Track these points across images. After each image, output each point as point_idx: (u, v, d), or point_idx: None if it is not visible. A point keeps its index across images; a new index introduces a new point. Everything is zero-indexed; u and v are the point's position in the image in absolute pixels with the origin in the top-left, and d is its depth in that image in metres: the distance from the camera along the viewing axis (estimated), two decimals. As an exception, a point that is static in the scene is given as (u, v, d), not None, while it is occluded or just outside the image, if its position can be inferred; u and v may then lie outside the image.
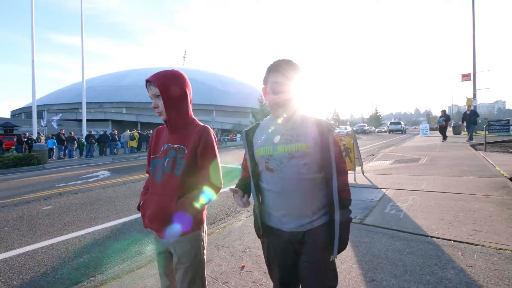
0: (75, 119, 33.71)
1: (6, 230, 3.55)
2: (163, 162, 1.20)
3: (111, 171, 9.13)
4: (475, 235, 2.43)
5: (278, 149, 1.06)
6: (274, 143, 1.08)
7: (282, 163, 1.05)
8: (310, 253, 1.05)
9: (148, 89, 1.20)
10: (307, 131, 1.06)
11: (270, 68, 1.09)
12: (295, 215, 1.06)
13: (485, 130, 9.38)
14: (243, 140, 1.20)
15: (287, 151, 1.05)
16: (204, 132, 1.19)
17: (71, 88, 47.25)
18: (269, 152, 1.08)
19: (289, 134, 1.07)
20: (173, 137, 1.22)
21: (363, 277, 1.90)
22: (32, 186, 6.88)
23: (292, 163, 1.04)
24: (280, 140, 1.07)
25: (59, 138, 15.57)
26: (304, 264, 1.06)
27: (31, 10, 16.87)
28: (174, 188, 1.16)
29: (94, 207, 4.52)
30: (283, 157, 1.05)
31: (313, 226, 1.06)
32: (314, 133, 1.06)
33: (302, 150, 1.04)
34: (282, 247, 1.10)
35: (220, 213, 3.93)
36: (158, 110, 1.19)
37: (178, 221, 1.15)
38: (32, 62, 16.71)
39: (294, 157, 1.04)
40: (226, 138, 30.65)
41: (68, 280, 2.26)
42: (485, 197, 3.51)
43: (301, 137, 1.05)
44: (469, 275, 1.83)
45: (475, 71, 19.07)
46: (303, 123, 1.09)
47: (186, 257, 1.17)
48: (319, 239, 1.05)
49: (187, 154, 1.17)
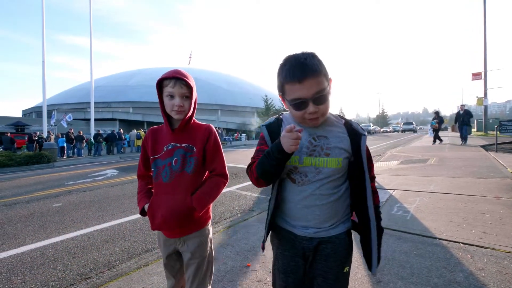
0: (84, 118, 34.35)
1: (18, 227, 3.65)
2: (169, 162, 1.20)
3: (119, 169, 9.27)
4: (485, 238, 2.38)
5: (304, 161, 0.93)
6: (301, 153, 0.94)
7: (307, 177, 0.94)
8: (322, 263, 0.96)
9: (172, 86, 1.13)
10: (339, 141, 0.95)
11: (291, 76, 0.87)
12: (313, 225, 0.97)
13: (497, 130, 9.16)
14: (265, 137, 1.02)
15: (314, 165, 0.93)
16: (211, 131, 1.25)
17: (80, 88, 48.12)
18: (295, 163, 0.94)
19: (318, 144, 0.94)
20: (178, 136, 1.23)
21: (369, 279, 1.89)
22: (43, 183, 7.05)
23: (318, 178, 0.93)
24: (309, 150, 0.94)
25: (68, 137, 15.89)
26: (314, 274, 0.98)
27: (42, 13, 17.25)
28: (186, 186, 1.18)
29: (102, 205, 4.60)
30: (309, 171, 0.94)
31: (329, 235, 0.96)
32: (345, 143, 0.95)
33: (331, 166, 0.93)
34: (292, 252, 1.00)
35: (226, 212, 3.95)
36: (183, 109, 1.16)
37: (193, 217, 1.18)
38: (43, 63, 17.09)
39: (322, 172, 0.93)
40: (231, 138, 30.74)
41: (77, 276, 2.31)
42: (496, 199, 3.43)
43: (332, 151, 0.93)
44: (479, 279, 1.79)
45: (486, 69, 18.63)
46: (333, 129, 0.97)
47: (199, 252, 1.21)
48: (334, 249, 0.96)
49: (196, 152, 1.20)
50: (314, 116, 0.89)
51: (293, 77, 0.86)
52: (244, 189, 5.44)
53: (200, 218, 1.23)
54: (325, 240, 0.96)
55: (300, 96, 0.86)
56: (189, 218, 1.17)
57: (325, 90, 0.87)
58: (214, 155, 1.24)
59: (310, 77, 0.84)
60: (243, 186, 5.67)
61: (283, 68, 0.91)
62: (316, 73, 0.85)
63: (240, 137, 33.52)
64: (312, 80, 0.84)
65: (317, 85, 0.85)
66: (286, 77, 0.88)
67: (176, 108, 1.16)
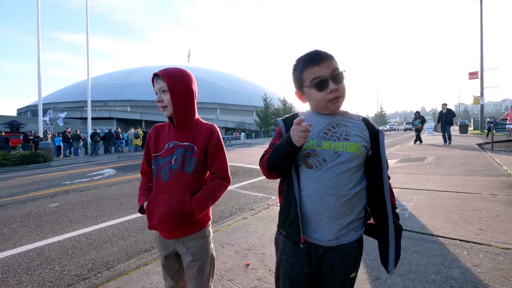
0: (80, 117, 34.10)
1: (14, 227, 3.61)
2: (169, 160, 1.18)
3: (116, 169, 9.22)
4: (481, 235, 2.41)
5: (323, 144, 0.92)
6: (319, 137, 0.93)
7: (326, 161, 0.91)
8: (329, 270, 0.93)
9: (154, 83, 1.19)
10: (358, 130, 0.95)
11: (309, 61, 0.93)
12: (323, 225, 0.91)
13: (493, 129, 9.26)
14: (281, 128, 1.02)
15: (333, 149, 0.91)
16: (214, 130, 1.23)
17: (76, 86, 47.76)
18: (312, 147, 0.92)
19: (337, 131, 0.94)
20: (180, 134, 1.21)
21: (368, 276, 1.90)
22: (39, 183, 6.99)
23: (336, 163, 0.90)
24: (327, 135, 0.93)
25: (65, 136, 15.77)
26: (321, 277, 0.96)
27: (37, 10, 17.05)
28: (186, 186, 1.15)
29: (100, 205, 4.58)
30: (327, 154, 0.91)
31: (339, 243, 0.91)
32: (364, 133, 0.95)
33: (351, 150, 0.90)
34: (298, 259, 0.95)
35: (225, 211, 3.95)
36: (163, 104, 1.17)
37: (192, 218, 1.16)
38: (38, 60, 16.91)
39: (340, 156, 0.90)
40: (230, 136, 30.70)
41: (75, 277, 2.30)
42: (492, 197, 3.47)
43: (352, 137, 0.92)
44: (475, 275, 1.82)
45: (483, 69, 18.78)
46: (353, 121, 0.98)
47: (200, 254, 1.19)
48: (341, 258, 0.92)
49: (197, 152, 1.17)
50: (335, 94, 0.92)
51: (312, 61, 0.93)
52: (243, 188, 5.44)
53: (199, 220, 1.21)
54: (333, 248, 0.92)
55: (320, 75, 0.92)
56: (187, 220, 1.15)
57: (341, 69, 0.93)
58: (215, 155, 1.21)
59: (326, 60, 0.92)
60: (243, 185, 5.68)
61: (299, 63, 0.97)
62: (330, 57, 0.93)
63: (239, 136, 33.49)
64: (329, 62, 0.92)
65: (333, 66, 0.92)
66: (304, 65, 0.95)
67: (158, 104, 1.18)
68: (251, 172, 7.30)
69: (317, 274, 0.96)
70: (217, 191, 1.20)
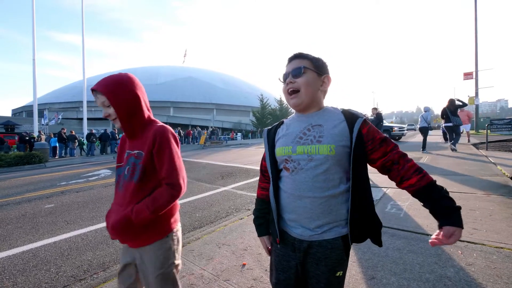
0: (76, 117, 33.81)
1: (9, 228, 3.58)
2: (123, 171, 1.17)
3: (112, 169, 9.16)
4: (475, 234, 2.44)
5: (297, 149, 0.95)
6: (294, 143, 0.97)
7: (300, 164, 0.94)
8: (314, 266, 0.95)
9: (95, 98, 1.12)
10: (333, 127, 0.94)
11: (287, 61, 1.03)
12: (303, 222, 0.95)
13: (487, 129, 9.36)
14: (264, 139, 1.11)
15: (306, 153, 0.93)
16: (158, 132, 1.11)
17: (72, 86, 47.34)
18: (288, 153, 0.97)
19: (311, 133, 0.95)
20: (132, 143, 1.17)
21: (363, 275, 1.92)
22: (34, 184, 6.92)
23: (309, 167, 0.92)
24: (301, 140, 0.96)
25: (60, 137, 15.62)
26: (308, 275, 0.98)
27: (32, 9, 16.89)
28: (131, 196, 1.10)
29: (96, 205, 4.55)
30: (301, 159, 0.94)
31: (321, 238, 0.93)
32: (341, 129, 0.93)
33: (323, 153, 0.91)
34: (284, 251, 1.01)
35: (221, 212, 3.95)
36: (112, 118, 1.12)
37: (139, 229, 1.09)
38: (33, 60, 16.76)
39: (314, 160, 0.92)
40: (227, 137, 30.66)
41: (71, 278, 2.29)
42: (486, 196, 3.51)
43: (325, 138, 0.92)
44: (469, 274, 1.84)
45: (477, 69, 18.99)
46: (330, 117, 0.97)
47: (155, 268, 1.11)
48: (325, 254, 0.93)
49: (143, 158, 1.11)
50: (290, 86, 0.99)
51: (288, 59, 1.04)
52: (239, 188, 5.44)
53: (158, 227, 1.13)
54: (316, 244, 0.94)
55: (285, 72, 1.02)
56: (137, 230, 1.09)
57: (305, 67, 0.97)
58: (161, 160, 1.10)
59: (297, 59, 1.00)
60: (239, 186, 5.68)
61: None
62: (302, 57, 1.00)
63: (235, 136, 33.47)
64: (298, 60, 1.00)
65: (298, 64, 0.99)
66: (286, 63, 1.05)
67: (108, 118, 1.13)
68: (247, 172, 7.30)
69: (303, 270, 0.99)
70: (159, 199, 1.07)
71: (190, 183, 6.20)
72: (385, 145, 0.94)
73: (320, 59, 1.01)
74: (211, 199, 4.68)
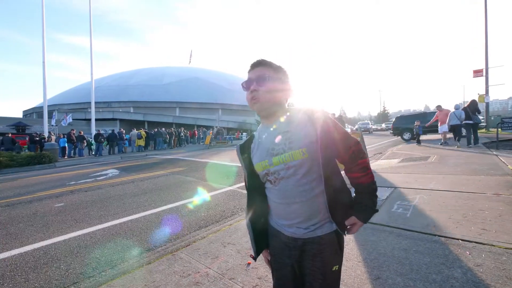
0: (84, 118, 34.42)
1: (21, 226, 3.68)
2: None
3: (120, 169, 9.31)
4: (484, 235, 2.39)
5: (273, 161, 0.98)
6: (269, 155, 0.99)
7: (280, 174, 0.97)
8: (310, 263, 0.98)
9: None
10: (300, 132, 0.96)
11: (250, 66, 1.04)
12: (296, 225, 0.99)
13: (498, 128, 9.14)
14: (238, 156, 1.15)
15: (282, 162, 0.96)
16: None
17: (80, 88, 48.16)
18: (266, 167, 1.00)
19: (281, 142, 0.97)
20: None
21: (369, 275, 1.91)
22: (44, 184, 7.09)
23: (289, 174, 0.96)
24: (275, 151, 0.98)
25: (69, 137, 15.94)
26: (304, 272, 1.01)
27: (42, 14, 17.27)
28: None
29: (104, 205, 4.63)
30: (280, 169, 0.97)
31: (315, 235, 0.97)
32: (307, 130, 0.95)
33: (297, 158, 0.93)
34: (279, 250, 1.05)
35: (227, 211, 3.97)
36: None
37: None
38: (43, 63, 17.13)
39: (290, 167, 0.95)
40: (232, 137, 30.76)
41: (80, 274, 2.34)
42: (496, 196, 3.44)
43: (294, 143, 0.95)
44: (477, 274, 1.81)
45: (488, 66, 18.55)
46: (295, 120, 0.99)
47: None
48: (320, 249, 0.97)
49: None
50: (254, 94, 0.98)
51: (250, 66, 1.04)
52: (244, 188, 5.46)
53: None
54: (310, 241, 0.97)
55: (248, 78, 1.02)
56: None
57: (269, 75, 0.98)
58: None
59: (260, 66, 1.01)
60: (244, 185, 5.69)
61: None
62: (266, 66, 1.01)
63: (241, 136, 33.53)
64: (262, 68, 1.00)
65: (263, 72, 0.99)
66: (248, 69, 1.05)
67: None
68: (253, 172, 7.31)
69: (300, 268, 1.02)
70: None
71: (195, 183, 6.25)
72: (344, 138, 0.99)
73: (281, 67, 1.04)
74: (216, 199, 4.71)
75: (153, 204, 4.51)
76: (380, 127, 44.56)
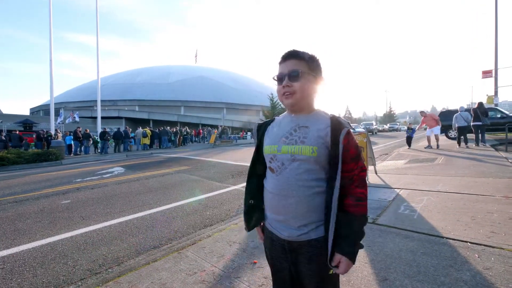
0: (90, 116, 34.82)
1: (28, 223, 3.74)
2: None
3: (125, 167, 9.39)
4: (493, 237, 2.35)
5: (282, 149, 0.98)
6: (280, 142, 1.00)
7: (284, 164, 0.97)
8: (306, 266, 0.97)
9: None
10: (318, 130, 0.95)
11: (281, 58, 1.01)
12: (290, 223, 0.97)
13: (507, 129, 8.97)
14: (253, 134, 1.14)
15: (290, 153, 0.96)
16: None
17: (86, 86, 48.71)
18: (274, 152, 1.00)
19: (297, 134, 0.98)
20: None
21: (376, 276, 1.89)
22: (51, 181, 7.19)
23: (292, 166, 0.95)
24: (287, 140, 0.99)
25: (76, 135, 16.14)
26: (302, 274, 1.00)
27: (49, 13, 17.49)
28: None
29: (110, 202, 4.68)
30: (285, 158, 0.97)
31: (309, 238, 0.95)
32: (324, 134, 0.94)
33: (305, 153, 0.93)
34: (275, 253, 1.05)
35: (232, 210, 3.98)
36: None
37: None
38: (50, 61, 17.34)
39: (296, 160, 0.95)
40: (237, 136, 30.80)
41: (87, 271, 2.37)
42: (505, 199, 3.38)
43: (308, 139, 0.95)
44: (486, 278, 1.78)
45: (497, 67, 18.22)
46: (318, 121, 0.98)
47: None
48: (315, 253, 0.95)
49: None
50: (286, 90, 0.97)
51: (281, 58, 1.01)
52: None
53: None
54: (305, 244, 0.96)
55: (280, 72, 1.00)
56: None
57: (302, 70, 0.96)
58: None
59: (292, 58, 0.98)
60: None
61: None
62: (298, 57, 0.98)
63: (245, 135, 33.54)
64: (293, 61, 0.97)
65: (295, 65, 0.97)
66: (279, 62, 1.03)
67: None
68: (257, 171, 7.31)
69: (297, 271, 1.01)
70: None
71: (200, 181, 6.28)
72: (354, 162, 0.95)
73: (314, 57, 1.00)
74: (221, 198, 4.72)
75: (159, 202, 4.54)
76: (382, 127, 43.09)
